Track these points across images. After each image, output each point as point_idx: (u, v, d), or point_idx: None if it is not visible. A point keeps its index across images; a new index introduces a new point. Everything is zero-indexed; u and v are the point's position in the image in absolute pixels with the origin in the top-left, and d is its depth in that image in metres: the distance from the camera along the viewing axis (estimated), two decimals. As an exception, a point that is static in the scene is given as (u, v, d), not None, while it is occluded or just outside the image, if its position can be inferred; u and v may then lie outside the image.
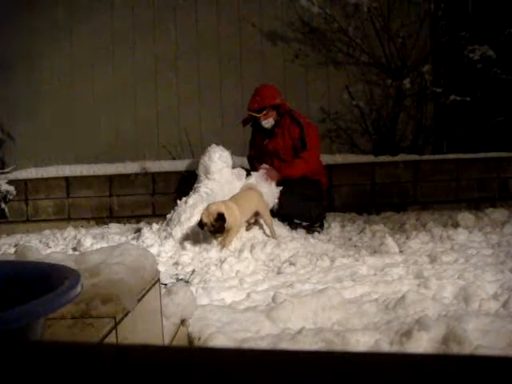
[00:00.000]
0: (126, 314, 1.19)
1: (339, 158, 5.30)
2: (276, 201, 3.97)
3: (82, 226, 5.05)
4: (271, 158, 4.28)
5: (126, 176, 5.26)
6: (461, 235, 3.41)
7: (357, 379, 0.36)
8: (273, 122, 4.23)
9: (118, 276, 1.28)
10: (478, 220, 4.04)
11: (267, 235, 3.60)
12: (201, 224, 3.25)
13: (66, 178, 5.30)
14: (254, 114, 4.21)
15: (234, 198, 3.48)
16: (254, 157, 4.46)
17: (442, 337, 1.60)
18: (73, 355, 0.43)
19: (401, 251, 3.16)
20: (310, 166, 4.20)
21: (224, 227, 3.21)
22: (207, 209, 3.25)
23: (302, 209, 4.04)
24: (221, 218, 3.18)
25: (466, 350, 1.51)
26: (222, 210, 3.19)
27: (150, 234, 3.76)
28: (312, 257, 3.07)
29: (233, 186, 3.89)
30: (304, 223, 4.05)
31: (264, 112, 4.17)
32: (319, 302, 2.00)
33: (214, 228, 3.20)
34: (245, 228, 3.57)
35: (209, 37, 5.75)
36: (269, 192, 3.93)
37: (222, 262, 3.00)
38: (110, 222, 5.14)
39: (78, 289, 0.84)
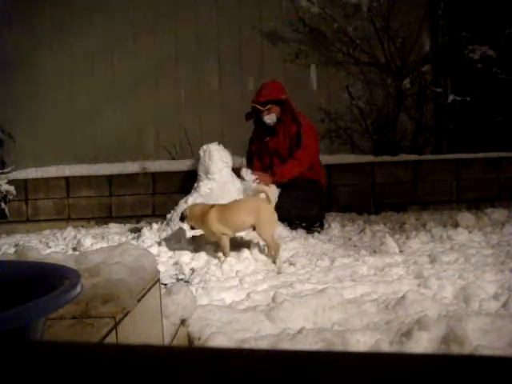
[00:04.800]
0: (125, 314, 1.19)
1: (339, 158, 5.30)
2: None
3: (82, 226, 5.05)
4: (271, 156, 4.26)
5: (126, 176, 5.26)
6: (461, 235, 3.40)
7: (357, 379, 0.36)
8: (275, 119, 4.17)
9: (118, 276, 1.28)
10: (478, 220, 4.04)
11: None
12: (182, 217, 3.34)
13: (66, 178, 5.29)
14: (258, 107, 4.13)
15: (222, 207, 3.31)
16: (253, 153, 4.41)
17: (442, 337, 1.60)
18: (73, 355, 0.43)
19: (401, 251, 3.16)
20: (303, 166, 4.10)
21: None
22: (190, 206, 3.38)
23: (300, 210, 4.03)
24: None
25: (466, 350, 1.52)
26: (186, 213, 3.30)
27: (150, 234, 3.76)
28: (312, 257, 3.07)
29: (233, 186, 3.89)
30: (304, 223, 4.04)
31: (268, 106, 4.12)
32: (319, 302, 2.00)
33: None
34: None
35: (209, 37, 5.75)
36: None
37: (222, 262, 3.00)
38: (110, 222, 5.14)
39: (78, 289, 0.84)
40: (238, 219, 3.19)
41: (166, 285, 2.38)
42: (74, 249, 3.79)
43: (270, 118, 4.17)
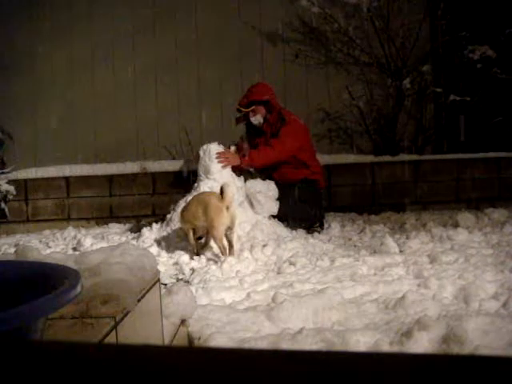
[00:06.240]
0: (125, 314, 1.19)
1: (339, 158, 5.30)
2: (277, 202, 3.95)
3: (82, 226, 5.05)
4: None
5: (126, 176, 5.26)
6: (461, 235, 3.40)
7: (357, 379, 0.36)
8: (261, 120, 4.23)
9: (118, 276, 1.28)
10: (478, 220, 4.04)
11: (267, 235, 3.59)
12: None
13: (66, 178, 5.29)
14: (241, 109, 4.24)
15: (188, 202, 3.45)
16: None
17: (442, 337, 1.60)
18: (73, 355, 0.43)
19: (401, 251, 3.16)
20: (275, 152, 4.01)
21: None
22: None
23: (299, 212, 4.03)
24: None
25: (466, 350, 1.51)
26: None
27: (150, 234, 3.76)
28: (312, 257, 3.06)
29: (233, 186, 3.89)
30: (303, 224, 4.04)
31: (252, 108, 4.19)
32: (319, 302, 2.00)
33: None
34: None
35: (209, 37, 5.75)
36: (269, 194, 3.91)
37: (222, 262, 3.00)
38: (110, 222, 5.14)
39: (78, 289, 0.84)
40: (190, 213, 3.23)
41: (166, 285, 2.38)
42: (74, 249, 3.79)
43: (256, 119, 4.25)
